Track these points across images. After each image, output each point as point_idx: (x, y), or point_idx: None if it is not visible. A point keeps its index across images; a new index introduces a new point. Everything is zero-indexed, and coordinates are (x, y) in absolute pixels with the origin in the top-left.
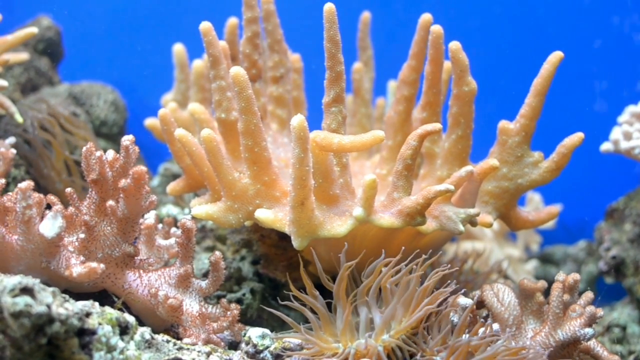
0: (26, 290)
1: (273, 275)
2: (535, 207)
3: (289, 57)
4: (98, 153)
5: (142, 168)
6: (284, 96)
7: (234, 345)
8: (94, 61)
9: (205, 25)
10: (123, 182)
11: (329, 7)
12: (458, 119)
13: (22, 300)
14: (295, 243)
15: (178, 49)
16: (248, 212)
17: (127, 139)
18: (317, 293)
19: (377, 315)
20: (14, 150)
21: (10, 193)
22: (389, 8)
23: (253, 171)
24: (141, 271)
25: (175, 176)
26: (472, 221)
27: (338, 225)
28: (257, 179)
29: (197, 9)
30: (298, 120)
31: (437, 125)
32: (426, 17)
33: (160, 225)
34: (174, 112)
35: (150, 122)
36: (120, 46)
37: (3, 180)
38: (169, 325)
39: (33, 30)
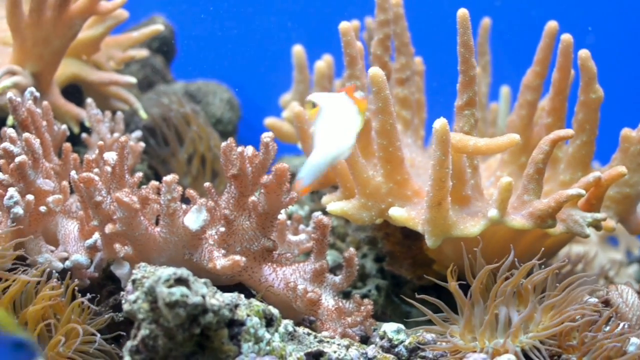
0: (181, 281)
1: (398, 273)
2: None
3: (414, 59)
4: (239, 149)
5: (285, 165)
6: (409, 98)
7: (364, 340)
8: (205, 60)
9: (344, 25)
10: (266, 178)
11: (462, 12)
12: (583, 125)
13: (179, 291)
14: (429, 242)
15: (297, 50)
16: (380, 209)
17: (267, 136)
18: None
19: (515, 315)
20: (142, 144)
21: (144, 186)
22: (503, 15)
23: (386, 170)
24: (275, 265)
25: (292, 175)
26: (597, 225)
27: (471, 226)
28: (390, 178)
29: (303, 12)
30: (441, 123)
31: (570, 131)
32: (552, 24)
33: (288, 222)
34: None
35: (270, 121)
36: (231, 46)
37: (140, 174)
38: (300, 319)
39: (159, 27)
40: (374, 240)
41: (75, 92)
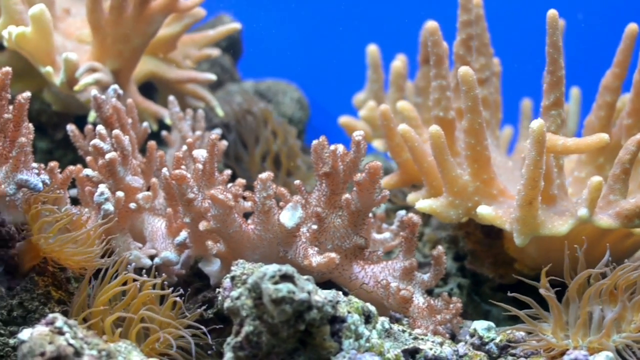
0: (286, 277)
1: (480, 271)
2: None
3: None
4: (331, 147)
5: (378, 163)
6: (488, 98)
7: (451, 337)
8: (271, 59)
9: (431, 25)
10: (359, 176)
11: (552, 13)
12: None
13: (285, 287)
14: (518, 240)
15: (372, 49)
16: (467, 208)
17: (359, 134)
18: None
19: (609, 315)
20: (225, 142)
21: (231, 184)
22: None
23: (474, 169)
24: (364, 263)
25: None
26: None
27: (559, 225)
28: (477, 177)
29: (364, 12)
30: (538, 124)
31: None
32: (632, 27)
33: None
34: (372, 110)
35: (344, 120)
36: (296, 45)
37: (229, 171)
38: (387, 316)
39: (236, 26)
40: (454, 239)
41: (147, 89)
